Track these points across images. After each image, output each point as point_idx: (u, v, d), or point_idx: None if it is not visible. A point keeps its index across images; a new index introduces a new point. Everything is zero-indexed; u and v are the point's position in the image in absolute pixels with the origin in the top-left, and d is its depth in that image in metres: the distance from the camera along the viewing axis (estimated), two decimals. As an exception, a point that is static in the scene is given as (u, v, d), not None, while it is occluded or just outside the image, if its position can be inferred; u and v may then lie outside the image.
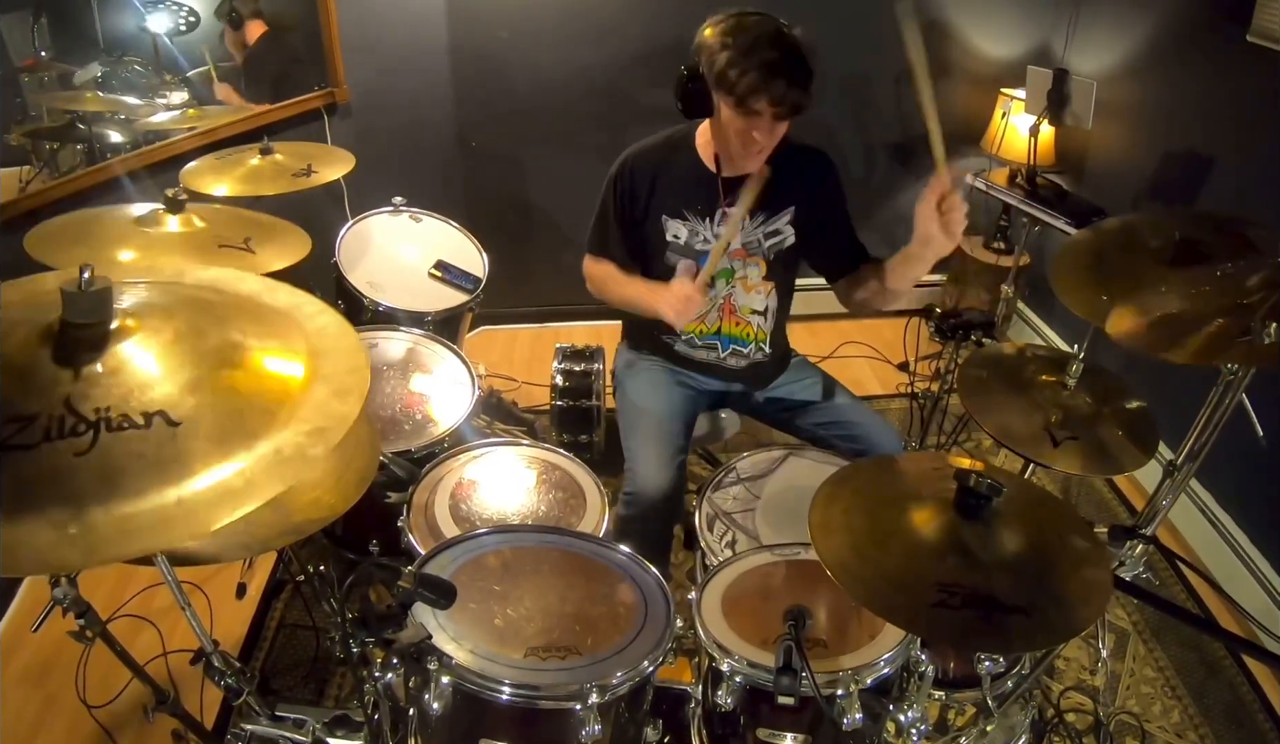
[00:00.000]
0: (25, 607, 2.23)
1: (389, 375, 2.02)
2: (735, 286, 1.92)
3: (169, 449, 0.84)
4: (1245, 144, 2.50)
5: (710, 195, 1.84)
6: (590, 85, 3.14)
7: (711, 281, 1.85)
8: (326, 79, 2.91)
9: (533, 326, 3.60)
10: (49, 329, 0.89)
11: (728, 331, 1.96)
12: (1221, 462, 1.96)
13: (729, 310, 1.94)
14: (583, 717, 1.17)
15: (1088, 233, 1.86)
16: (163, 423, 0.85)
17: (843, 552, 1.15)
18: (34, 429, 0.82)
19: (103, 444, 0.82)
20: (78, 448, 0.82)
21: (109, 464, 0.81)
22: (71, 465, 0.81)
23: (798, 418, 2.02)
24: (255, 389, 0.94)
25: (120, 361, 0.89)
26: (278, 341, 1.01)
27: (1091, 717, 2.04)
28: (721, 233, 1.81)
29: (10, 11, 2.31)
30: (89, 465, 0.81)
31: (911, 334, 2.82)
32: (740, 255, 1.89)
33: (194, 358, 0.92)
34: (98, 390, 0.86)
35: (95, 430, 0.83)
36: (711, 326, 1.96)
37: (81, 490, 0.79)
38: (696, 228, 1.86)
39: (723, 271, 1.90)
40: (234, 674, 1.32)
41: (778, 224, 1.87)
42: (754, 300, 1.93)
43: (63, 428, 0.83)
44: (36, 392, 0.85)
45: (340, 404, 0.93)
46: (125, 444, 0.83)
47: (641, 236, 1.91)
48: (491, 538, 1.46)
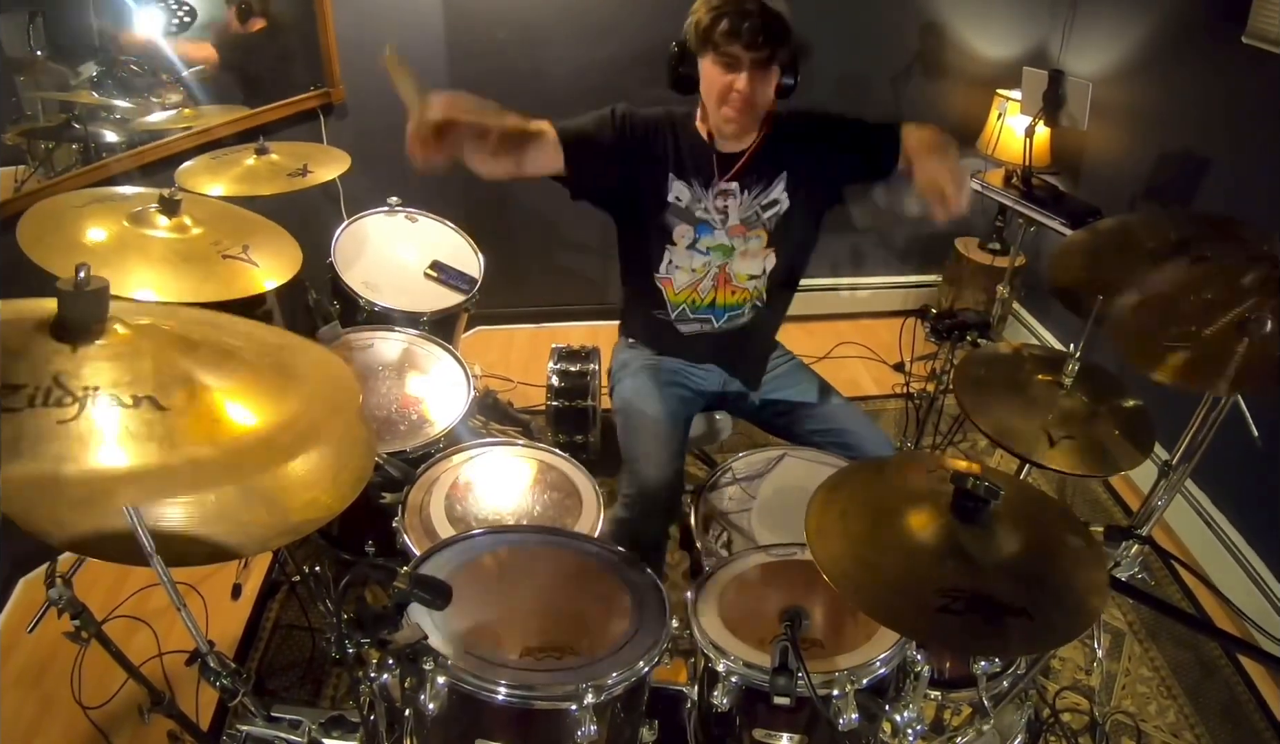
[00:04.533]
0: (20, 607, 2.22)
1: (384, 376, 2.02)
2: (733, 259, 1.91)
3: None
4: (1241, 145, 2.51)
5: (707, 167, 1.85)
6: (588, 85, 3.14)
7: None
8: (322, 79, 2.91)
9: (528, 327, 3.60)
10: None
11: (722, 303, 1.95)
12: (1217, 462, 1.97)
13: (724, 280, 1.93)
14: (578, 717, 1.17)
15: (1083, 234, 1.87)
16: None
17: (842, 558, 1.14)
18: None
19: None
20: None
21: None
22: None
23: (791, 423, 2.02)
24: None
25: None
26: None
27: (1087, 717, 2.05)
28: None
29: (5, 11, 2.31)
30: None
31: (907, 335, 2.82)
32: (740, 232, 1.89)
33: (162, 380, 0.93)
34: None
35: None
36: (705, 298, 1.95)
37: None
38: (699, 194, 1.86)
39: (720, 247, 1.90)
40: (229, 675, 1.31)
41: (774, 193, 1.87)
42: (751, 266, 1.93)
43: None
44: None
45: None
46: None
47: (640, 189, 1.87)
48: (487, 538, 1.46)
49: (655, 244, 1.90)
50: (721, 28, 1.64)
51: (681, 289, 1.94)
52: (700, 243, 1.89)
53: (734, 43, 1.65)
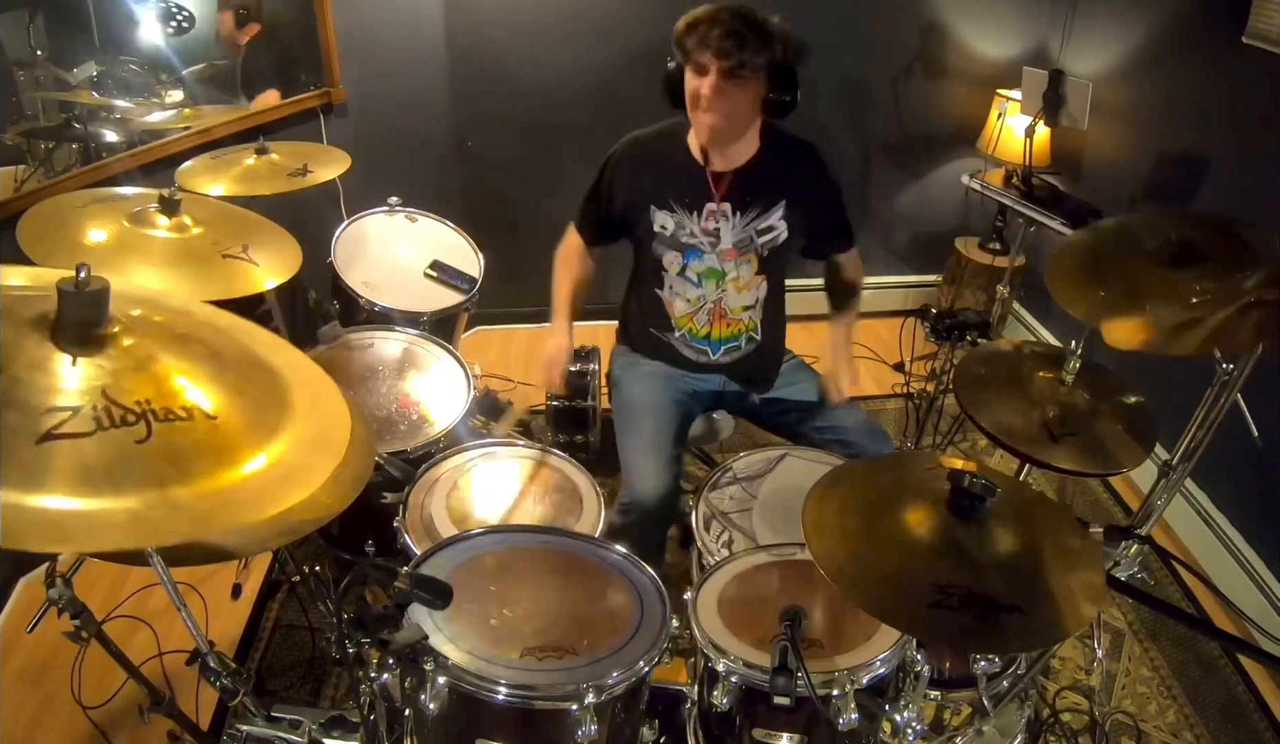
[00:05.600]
0: (20, 607, 2.22)
1: (385, 376, 2.02)
2: (726, 289, 1.92)
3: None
4: (1241, 145, 2.51)
5: (699, 187, 1.85)
6: (587, 85, 3.15)
7: (697, 279, 1.92)
8: (322, 79, 2.91)
9: (529, 327, 3.60)
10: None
11: (718, 336, 1.97)
12: (1217, 461, 1.98)
13: (719, 315, 1.94)
14: (579, 717, 1.17)
15: (1083, 233, 1.87)
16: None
17: (837, 553, 1.15)
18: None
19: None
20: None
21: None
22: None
23: (792, 422, 2.03)
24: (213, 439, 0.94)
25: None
26: (260, 415, 1.01)
27: (1087, 716, 2.05)
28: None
29: (6, 11, 2.31)
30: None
31: (907, 334, 2.82)
32: (732, 256, 1.89)
33: (165, 387, 0.93)
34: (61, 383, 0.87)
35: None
36: (701, 330, 1.97)
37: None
38: (683, 221, 1.87)
39: (711, 272, 1.90)
40: (230, 675, 1.31)
41: (771, 220, 1.87)
42: (745, 299, 1.94)
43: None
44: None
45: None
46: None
47: (629, 224, 1.94)
48: (487, 538, 1.46)
49: (654, 272, 1.95)
50: (693, 35, 1.67)
51: (683, 315, 1.96)
52: (690, 269, 1.90)
53: (704, 50, 1.66)
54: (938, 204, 3.64)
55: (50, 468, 0.80)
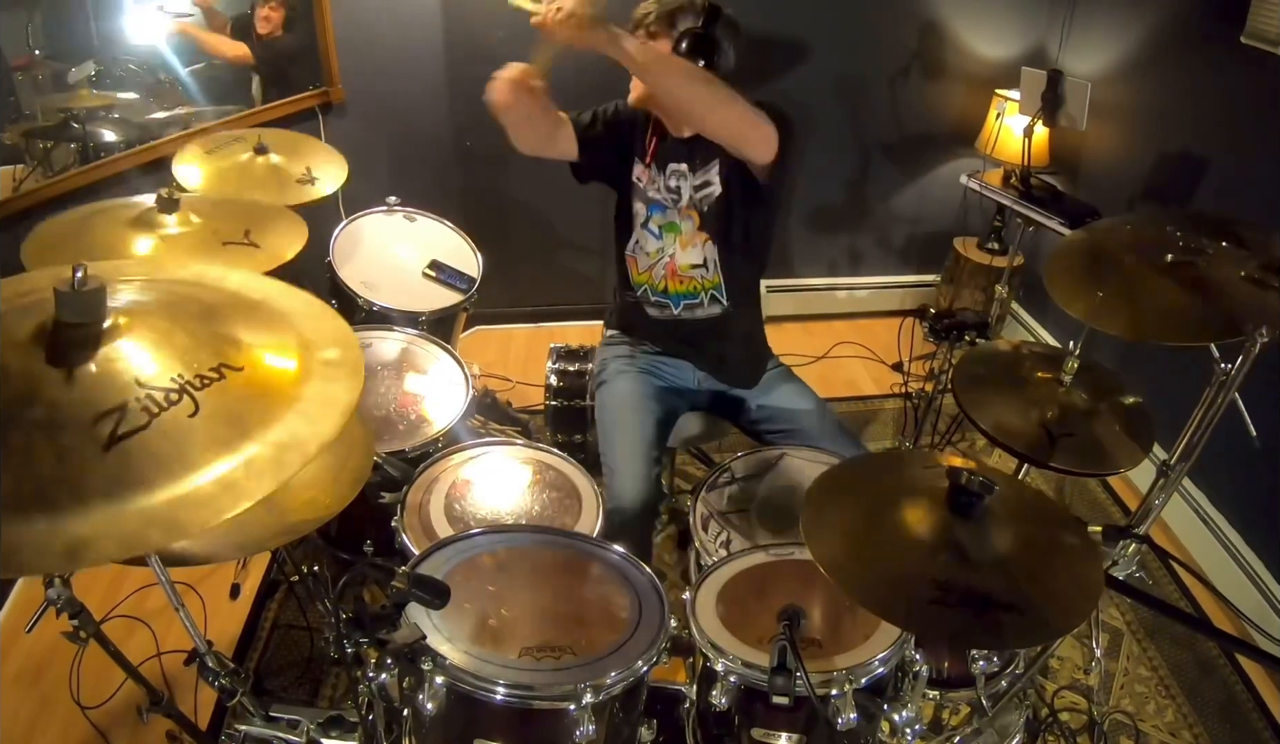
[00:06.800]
0: (19, 607, 2.22)
1: (383, 375, 2.02)
2: (674, 245, 1.96)
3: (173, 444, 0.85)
4: (1239, 145, 2.51)
5: (666, 148, 1.92)
6: (587, 85, 3.13)
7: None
8: (321, 78, 2.91)
9: (527, 326, 3.60)
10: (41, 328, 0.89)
11: (674, 290, 2.01)
12: (1215, 461, 1.98)
13: (672, 272, 1.98)
14: (577, 717, 1.17)
15: (1082, 233, 1.87)
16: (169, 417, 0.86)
17: (836, 549, 1.15)
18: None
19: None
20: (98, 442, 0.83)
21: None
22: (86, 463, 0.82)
23: (767, 433, 2.04)
24: (251, 384, 0.94)
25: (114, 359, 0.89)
26: (270, 336, 1.01)
27: (1086, 716, 2.05)
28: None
29: (4, 10, 2.31)
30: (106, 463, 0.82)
31: (906, 334, 2.83)
32: (688, 213, 1.94)
33: (187, 357, 0.92)
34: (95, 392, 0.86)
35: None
36: (659, 284, 2.01)
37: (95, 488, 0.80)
38: (654, 175, 1.93)
39: (671, 226, 1.95)
40: (228, 675, 1.32)
41: (707, 175, 1.90)
42: (691, 256, 1.97)
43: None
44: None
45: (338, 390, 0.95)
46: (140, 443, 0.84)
47: (618, 170, 2.00)
48: (485, 538, 1.46)
49: (625, 222, 2.01)
50: (652, 18, 1.81)
51: (643, 270, 2.02)
52: (652, 221, 1.96)
53: (662, 29, 1.80)
54: (936, 204, 3.64)
55: (130, 467, 0.81)
